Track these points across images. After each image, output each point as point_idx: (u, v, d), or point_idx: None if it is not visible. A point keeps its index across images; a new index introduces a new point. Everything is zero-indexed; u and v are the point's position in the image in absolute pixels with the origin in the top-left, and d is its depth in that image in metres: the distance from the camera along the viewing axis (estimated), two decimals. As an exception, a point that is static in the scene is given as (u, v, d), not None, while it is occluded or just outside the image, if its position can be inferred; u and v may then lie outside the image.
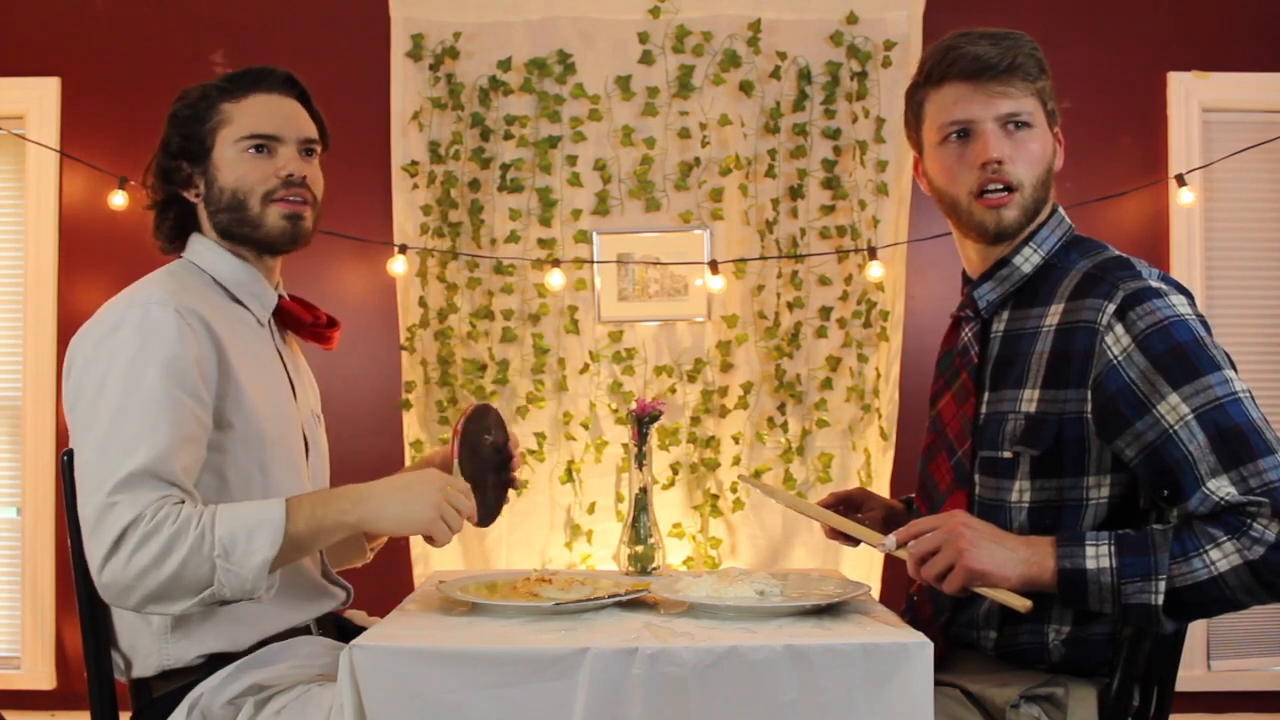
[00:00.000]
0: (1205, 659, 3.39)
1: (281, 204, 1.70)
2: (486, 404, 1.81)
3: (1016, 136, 1.60)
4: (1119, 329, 1.50)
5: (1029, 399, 1.58)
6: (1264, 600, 1.42)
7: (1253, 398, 1.46)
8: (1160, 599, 1.42)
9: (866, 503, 1.93)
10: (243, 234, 1.71)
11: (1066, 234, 1.66)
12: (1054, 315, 1.58)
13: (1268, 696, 3.39)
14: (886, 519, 1.91)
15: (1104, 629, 1.55)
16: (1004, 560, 1.45)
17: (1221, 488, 1.41)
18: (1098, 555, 1.44)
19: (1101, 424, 1.52)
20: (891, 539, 1.52)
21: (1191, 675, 3.32)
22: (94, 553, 1.47)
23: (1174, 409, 1.45)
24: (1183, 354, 1.46)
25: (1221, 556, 1.40)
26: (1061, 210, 1.68)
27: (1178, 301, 1.51)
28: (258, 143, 1.70)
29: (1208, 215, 3.42)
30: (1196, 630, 3.34)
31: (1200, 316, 1.52)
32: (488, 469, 1.76)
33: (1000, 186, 1.60)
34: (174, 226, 1.76)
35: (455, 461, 1.68)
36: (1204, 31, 3.43)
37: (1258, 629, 3.44)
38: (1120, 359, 1.49)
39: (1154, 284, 1.52)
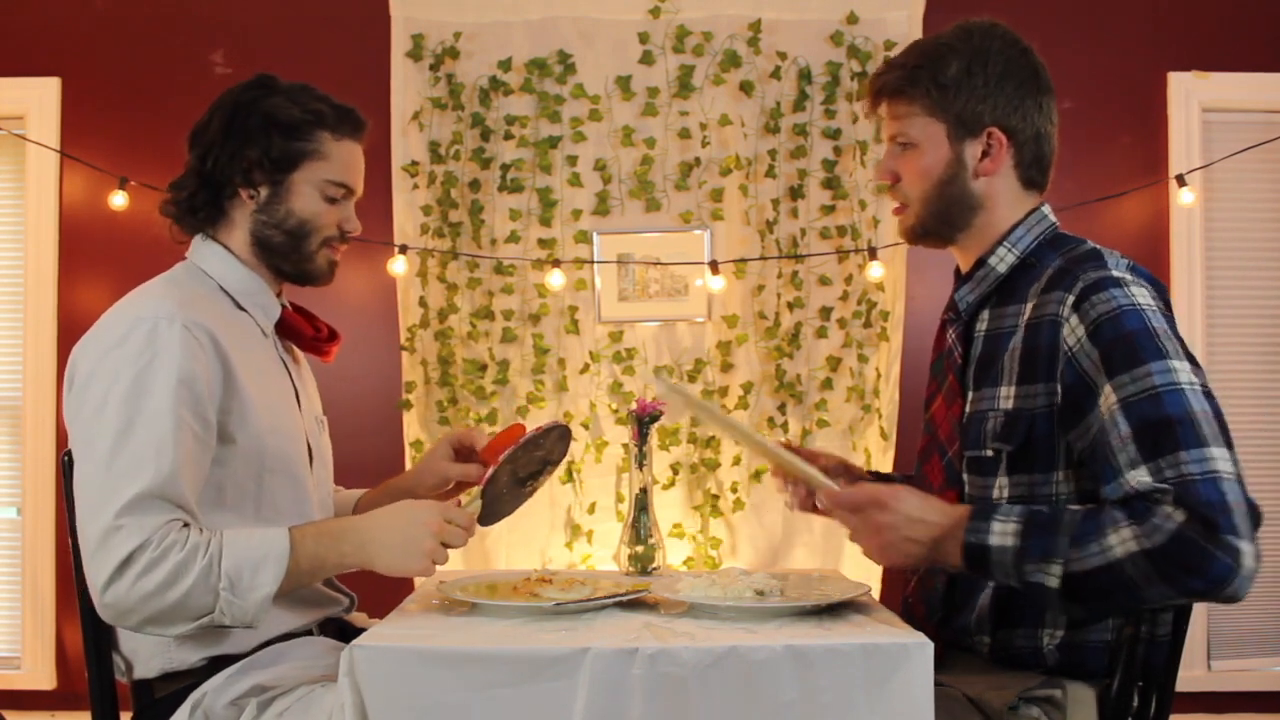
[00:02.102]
0: (1205, 659, 3.39)
1: (332, 250, 1.77)
2: (562, 426, 1.77)
3: (903, 156, 1.68)
4: (1074, 319, 1.49)
5: (1006, 396, 1.58)
6: (1167, 594, 1.35)
7: (1206, 392, 1.41)
8: (1055, 582, 1.38)
9: (822, 460, 1.89)
10: (288, 259, 1.73)
11: (1046, 232, 1.66)
12: (1026, 312, 1.58)
13: (1268, 696, 3.39)
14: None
15: (1099, 636, 1.55)
16: (910, 554, 1.49)
17: (1136, 477, 1.38)
18: (1004, 533, 1.41)
19: (1061, 418, 1.51)
20: (835, 487, 1.55)
21: (1191, 675, 3.32)
22: (97, 574, 1.47)
23: (1107, 398, 1.43)
24: (1129, 342, 1.44)
25: (1119, 543, 1.35)
26: (1046, 209, 1.68)
27: (1137, 292, 1.48)
28: (340, 192, 1.74)
29: (1208, 215, 3.42)
30: (1196, 630, 3.34)
31: (1163, 307, 1.49)
32: (519, 480, 1.76)
33: (896, 202, 1.73)
34: (211, 211, 1.71)
35: (488, 476, 1.66)
36: (1204, 31, 3.43)
37: (1258, 629, 3.44)
38: (1075, 350, 1.48)
39: (1115, 273, 1.50)
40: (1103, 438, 1.43)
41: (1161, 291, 1.53)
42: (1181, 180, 3.25)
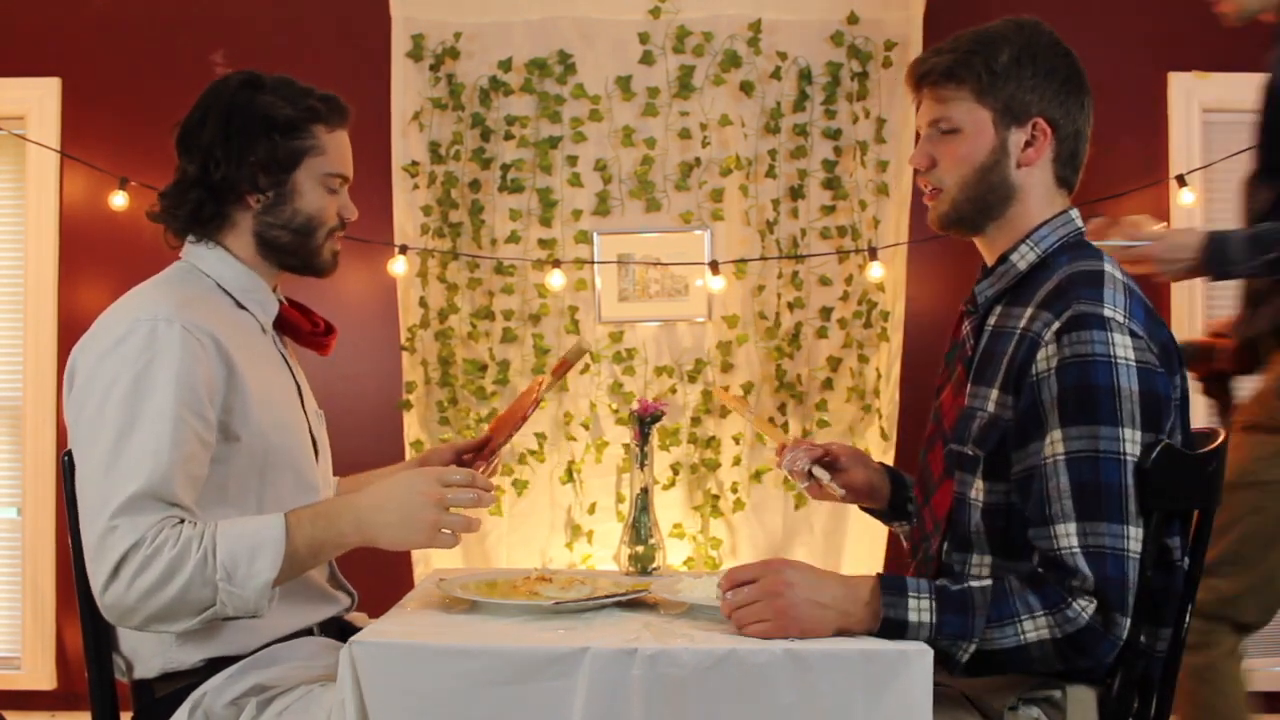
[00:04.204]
0: (1205, 659, 3.38)
1: (335, 240, 1.79)
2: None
3: (943, 141, 1.66)
4: (1051, 348, 1.49)
5: (992, 399, 1.58)
6: (1054, 668, 1.46)
7: (1138, 465, 1.44)
8: (966, 658, 1.44)
9: (835, 449, 1.88)
10: (297, 255, 1.74)
11: (1069, 236, 1.64)
12: (1024, 319, 1.57)
13: (1268, 697, 3.39)
14: (868, 485, 1.88)
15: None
16: (819, 619, 1.43)
17: (1064, 532, 1.44)
18: (919, 610, 1.44)
19: (1011, 436, 1.53)
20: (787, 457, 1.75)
21: (1192, 675, 3.32)
22: (96, 576, 1.47)
23: (1053, 444, 1.47)
24: (1089, 395, 1.45)
25: (1033, 629, 1.43)
26: (1074, 213, 1.66)
27: (1121, 341, 1.46)
28: (338, 182, 1.75)
29: (1208, 215, 3.41)
30: (1197, 630, 3.33)
31: (1144, 365, 1.46)
32: None
33: (928, 188, 1.70)
34: (218, 218, 1.70)
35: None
36: (1204, 31, 3.41)
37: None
38: (1040, 376, 1.49)
39: (1107, 311, 1.48)
40: (1041, 480, 1.47)
41: (1157, 333, 1.51)
42: (1182, 180, 3.25)
